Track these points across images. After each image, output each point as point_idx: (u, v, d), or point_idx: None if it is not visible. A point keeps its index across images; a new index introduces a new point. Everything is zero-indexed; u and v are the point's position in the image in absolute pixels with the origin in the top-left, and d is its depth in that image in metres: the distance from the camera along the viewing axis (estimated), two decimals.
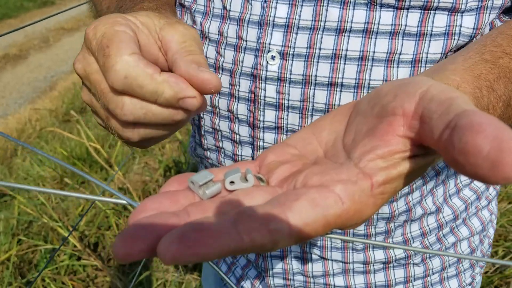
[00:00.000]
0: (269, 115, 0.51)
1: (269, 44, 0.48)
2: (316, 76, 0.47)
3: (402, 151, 0.25)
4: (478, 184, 0.62)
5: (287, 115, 0.50)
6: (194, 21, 0.55)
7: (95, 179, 0.30)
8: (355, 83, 0.47)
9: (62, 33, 5.23)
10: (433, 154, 0.26)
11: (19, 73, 4.14)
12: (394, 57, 0.46)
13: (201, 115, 0.59)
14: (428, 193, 0.57)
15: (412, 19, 0.45)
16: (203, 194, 0.27)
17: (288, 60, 0.48)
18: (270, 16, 0.48)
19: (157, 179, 2.30)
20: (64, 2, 6.40)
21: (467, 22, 0.45)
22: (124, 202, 0.28)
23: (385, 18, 0.45)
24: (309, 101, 0.48)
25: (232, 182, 0.28)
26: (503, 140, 0.18)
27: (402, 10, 0.45)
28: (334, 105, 0.48)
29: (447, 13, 0.44)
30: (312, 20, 0.47)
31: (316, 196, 0.24)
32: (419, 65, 0.46)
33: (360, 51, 0.46)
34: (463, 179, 0.60)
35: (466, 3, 0.44)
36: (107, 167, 2.25)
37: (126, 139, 0.38)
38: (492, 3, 0.45)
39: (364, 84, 0.47)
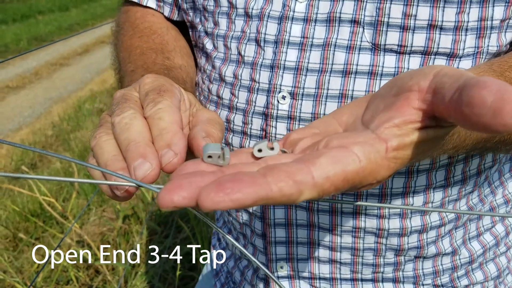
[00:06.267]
0: None
1: (280, 85, 0.52)
2: (324, 114, 0.50)
3: (416, 121, 0.27)
4: (498, 230, 0.63)
5: None
6: (213, 67, 0.59)
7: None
8: None
9: (7, 91, 5.11)
10: (443, 127, 0.28)
11: None
12: None
13: None
14: (446, 234, 0.58)
15: (413, 63, 0.48)
16: (224, 161, 0.29)
17: (298, 99, 0.51)
18: (281, 60, 0.52)
19: (116, 228, 2.26)
20: (3, 63, 6.29)
21: (465, 66, 0.48)
22: (156, 189, 0.29)
23: (389, 61, 0.49)
24: None
25: (260, 150, 0.31)
26: (505, 92, 0.21)
27: (404, 55, 0.48)
28: None
29: (446, 58, 0.48)
30: (320, 64, 0.50)
31: (336, 154, 0.26)
32: None
33: (366, 91, 0.49)
34: (485, 223, 0.61)
35: (464, 49, 0.48)
36: (62, 221, 2.19)
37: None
38: (488, 49, 0.48)
39: None
